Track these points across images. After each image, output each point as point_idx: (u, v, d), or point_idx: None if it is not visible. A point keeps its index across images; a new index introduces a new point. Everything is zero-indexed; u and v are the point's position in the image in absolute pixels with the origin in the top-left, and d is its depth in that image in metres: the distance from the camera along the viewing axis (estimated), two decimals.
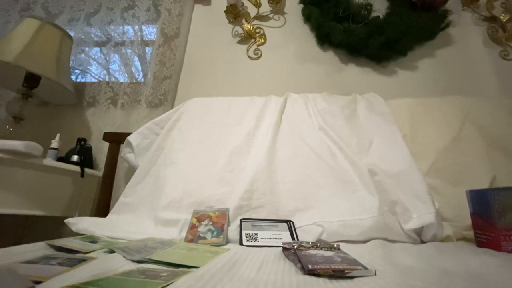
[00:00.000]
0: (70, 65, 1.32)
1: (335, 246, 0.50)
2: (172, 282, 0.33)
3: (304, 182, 0.81)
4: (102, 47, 1.49)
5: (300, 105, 1.02)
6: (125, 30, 1.48)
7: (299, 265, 0.41)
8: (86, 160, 1.16)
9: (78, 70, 1.46)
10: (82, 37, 1.44)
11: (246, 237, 0.64)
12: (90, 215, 1.10)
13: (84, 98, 1.35)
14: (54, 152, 1.09)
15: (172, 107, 1.27)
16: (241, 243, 0.63)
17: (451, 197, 0.77)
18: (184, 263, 0.42)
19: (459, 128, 0.89)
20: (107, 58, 1.44)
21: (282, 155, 0.88)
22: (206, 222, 0.69)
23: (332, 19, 1.22)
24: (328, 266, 0.38)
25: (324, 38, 1.29)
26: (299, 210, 0.76)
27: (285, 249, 0.51)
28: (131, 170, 1.05)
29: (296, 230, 0.69)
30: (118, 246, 0.51)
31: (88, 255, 0.48)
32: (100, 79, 1.44)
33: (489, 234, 0.56)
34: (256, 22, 1.39)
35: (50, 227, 1.17)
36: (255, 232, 0.66)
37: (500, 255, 0.48)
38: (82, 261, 0.43)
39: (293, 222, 0.72)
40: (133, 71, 1.41)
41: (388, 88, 1.20)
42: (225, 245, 0.62)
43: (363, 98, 1.05)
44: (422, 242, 0.68)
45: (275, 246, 0.58)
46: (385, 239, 0.66)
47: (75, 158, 1.13)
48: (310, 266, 0.38)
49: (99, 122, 1.32)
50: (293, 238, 0.66)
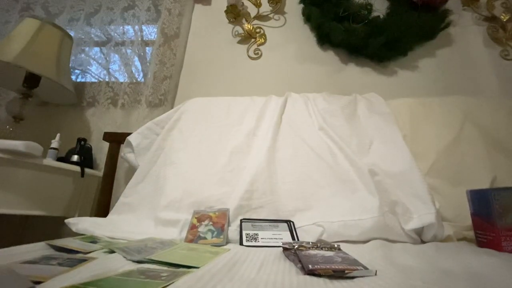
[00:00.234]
0: (70, 65, 1.32)
1: (336, 246, 0.50)
2: (172, 282, 0.33)
3: (304, 182, 0.81)
4: (102, 47, 1.49)
5: (300, 105, 1.02)
6: (125, 30, 1.48)
7: (300, 265, 0.41)
8: (86, 160, 1.16)
9: (78, 70, 1.46)
10: (82, 37, 1.44)
11: (247, 237, 0.64)
12: (90, 215, 1.10)
13: (84, 98, 1.36)
14: (54, 152, 1.09)
15: (172, 107, 1.27)
16: (241, 243, 0.63)
17: (452, 197, 0.77)
18: (184, 263, 0.42)
19: (460, 128, 0.89)
20: (107, 58, 1.44)
21: (282, 155, 0.88)
22: (206, 222, 0.69)
23: (332, 19, 1.22)
24: (328, 266, 0.38)
25: (324, 38, 1.29)
26: (299, 210, 0.76)
27: (285, 249, 0.51)
28: (131, 170, 1.05)
29: (296, 230, 0.69)
30: (118, 246, 0.51)
31: (88, 255, 0.48)
32: (100, 79, 1.44)
33: (489, 234, 0.56)
34: (256, 22, 1.39)
35: (50, 227, 1.17)
36: (256, 232, 0.66)
37: (500, 255, 0.48)
38: (82, 261, 0.43)
39: (293, 222, 0.72)
40: (133, 71, 1.41)
41: (388, 88, 1.20)
42: (225, 245, 0.62)
43: (363, 98, 1.05)
44: (423, 242, 0.68)
45: (276, 246, 0.58)
46: (385, 239, 0.66)
47: (75, 158, 1.13)
48: (310, 266, 0.38)
49: (99, 122, 1.32)
50: (293, 238, 0.66)
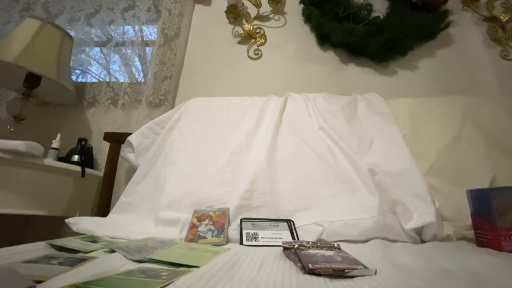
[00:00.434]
0: (71, 65, 1.32)
1: (336, 245, 0.51)
2: (172, 282, 0.33)
3: (304, 181, 0.81)
4: (102, 47, 1.49)
5: (300, 105, 1.03)
6: (125, 30, 1.49)
7: (300, 264, 0.41)
8: (87, 160, 1.16)
9: (78, 70, 1.46)
10: (83, 37, 1.44)
11: (247, 236, 0.64)
12: (91, 215, 1.10)
13: (84, 98, 1.36)
14: (54, 152, 1.09)
15: (172, 107, 1.27)
16: (241, 243, 0.63)
17: (452, 196, 0.77)
18: (184, 263, 0.42)
19: (459, 128, 0.89)
20: (108, 58, 1.44)
21: (282, 155, 0.88)
22: (206, 221, 0.69)
23: (332, 19, 1.22)
24: (328, 266, 0.38)
25: (324, 38, 1.29)
26: (300, 209, 0.76)
27: (285, 248, 0.51)
28: (132, 170, 1.05)
29: (296, 229, 0.69)
30: (119, 245, 0.51)
31: (88, 255, 0.48)
32: (100, 79, 1.44)
33: (489, 234, 0.56)
34: (256, 22, 1.40)
35: (51, 227, 1.17)
36: (256, 231, 0.66)
37: (500, 255, 0.48)
38: (83, 260, 0.43)
39: (293, 222, 0.72)
40: (133, 71, 1.41)
41: (388, 88, 1.20)
42: (225, 244, 0.62)
43: (363, 98, 1.05)
44: (423, 241, 0.68)
45: (276, 246, 0.58)
46: (385, 239, 0.66)
47: (76, 158, 1.13)
48: (310, 266, 0.38)
49: (100, 122, 1.33)
50: (293, 238, 0.66)
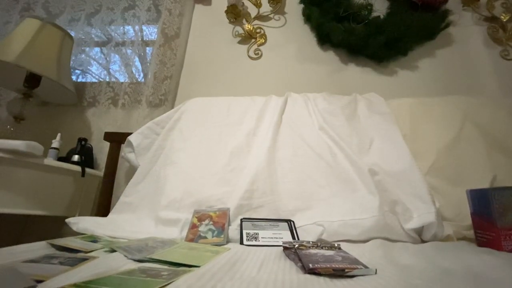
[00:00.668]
0: (71, 65, 1.32)
1: (336, 245, 0.51)
2: (173, 281, 0.33)
3: (304, 181, 0.82)
4: (102, 47, 1.49)
5: (300, 104, 1.03)
6: (125, 30, 1.49)
7: (300, 264, 0.41)
8: (87, 160, 1.16)
9: (78, 70, 1.46)
10: (83, 37, 1.44)
11: (247, 236, 0.64)
12: (91, 215, 1.10)
13: (84, 98, 1.36)
14: (55, 152, 1.09)
15: (172, 107, 1.27)
16: (241, 243, 0.63)
17: (452, 196, 0.77)
18: (185, 262, 0.42)
19: (460, 127, 0.89)
20: (108, 58, 1.44)
21: (283, 155, 0.88)
22: (206, 221, 0.69)
23: (332, 19, 1.22)
24: (328, 265, 0.38)
25: (324, 38, 1.29)
26: (300, 209, 0.76)
27: (285, 248, 0.51)
28: (132, 170, 1.05)
29: (296, 229, 0.69)
30: (119, 245, 0.52)
31: (89, 255, 0.48)
32: (100, 79, 1.44)
33: (489, 234, 0.56)
34: (256, 22, 1.40)
35: (51, 227, 1.17)
36: (256, 231, 0.66)
37: (500, 255, 0.48)
38: (83, 260, 0.43)
39: (293, 222, 0.72)
40: (133, 71, 1.41)
41: (388, 88, 1.20)
42: (225, 244, 0.62)
43: (364, 98, 1.05)
44: (423, 241, 0.68)
45: (276, 246, 0.58)
46: (385, 239, 0.66)
47: (76, 158, 1.13)
48: (310, 265, 0.38)
49: (100, 122, 1.33)
50: (293, 238, 0.66)
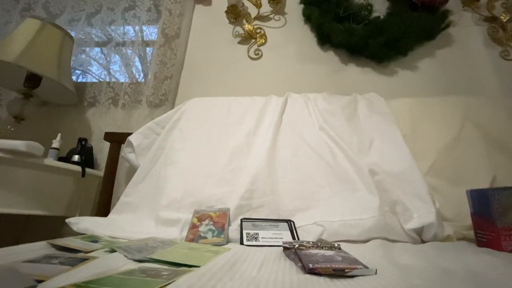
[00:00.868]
0: (71, 65, 1.32)
1: (336, 245, 0.51)
2: (173, 281, 0.33)
3: (304, 181, 0.82)
4: (102, 48, 1.50)
5: (300, 105, 1.03)
6: (125, 30, 1.49)
7: (300, 264, 0.41)
8: (87, 160, 1.16)
9: (79, 70, 1.46)
10: (83, 37, 1.44)
11: (247, 236, 0.64)
12: (91, 215, 1.10)
13: (85, 98, 1.36)
14: (55, 152, 1.09)
15: (173, 107, 1.27)
16: (242, 243, 0.63)
17: (452, 196, 0.77)
18: (185, 262, 0.42)
19: (460, 128, 0.89)
20: (108, 59, 1.44)
21: (283, 155, 0.88)
22: (206, 221, 0.69)
23: (332, 19, 1.22)
24: (328, 265, 0.38)
25: (324, 38, 1.29)
26: (300, 209, 0.76)
27: (285, 248, 0.51)
28: (132, 170, 1.05)
29: (296, 229, 0.69)
30: (119, 245, 0.52)
31: (89, 255, 0.48)
32: (100, 79, 1.44)
33: (489, 234, 0.56)
34: (256, 22, 1.40)
35: (51, 227, 1.17)
36: (256, 231, 0.66)
37: (500, 255, 0.48)
38: (84, 260, 0.43)
39: (293, 222, 0.72)
40: (133, 72, 1.41)
41: (388, 88, 1.20)
42: (226, 244, 0.62)
43: (364, 98, 1.05)
44: (423, 241, 0.68)
45: (276, 246, 0.58)
46: (385, 239, 0.66)
47: (76, 158, 1.13)
48: (310, 265, 0.38)
49: (100, 122, 1.33)
50: (293, 238, 0.66)
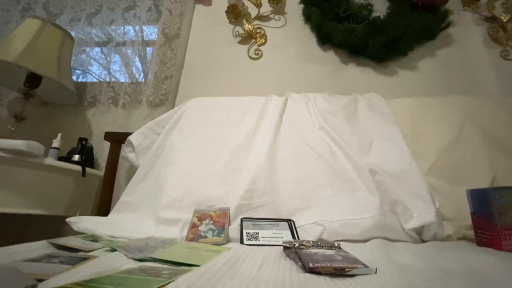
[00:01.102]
0: (71, 65, 1.32)
1: (336, 245, 0.51)
2: (173, 280, 0.33)
3: (304, 181, 0.82)
4: (103, 47, 1.50)
5: (300, 104, 1.03)
6: (126, 30, 1.49)
7: (300, 263, 0.41)
8: (87, 159, 1.16)
9: (79, 70, 1.46)
10: (83, 37, 1.44)
11: (247, 236, 0.64)
12: (91, 214, 1.11)
13: (85, 98, 1.36)
14: (55, 151, 1.09)
15: (173, 107, 1.27)
16: (242, 242, 0.63)
17: (452, 196, 0.77)
18: (185, 262, 0.42)
19: (460, 127, 0.89)
20: (108, 58, 1.44)
21: (283, 155, 0.88)
22: (207, 221, 0.69)
23: (332, 19, 1.22)
24: (328, 265, 0.38)
25: (324, 38, 1.29)
26: (300, 209, 0.76)
27: (286, 248, 0.51)
28: (132, 170, 1.06)
29: (296, 229, 0.69)
30: (120, 244, 0.52)
31: (89, 254, 0.48)
32: (101, 79, 1.44)
33: (489, 233, 0.56)
34: (256, 22, 1.40)
35: (52, 226, 1.17)
36: (256, 231, 0.66)
37: (500, 254, 0.48)
38: (84, 259, 0.43)
39: (293, 221, 0.72)
40: (133, 71, 1.41)
41: (388, 87, 1.20)
42: (226, 244, 0.63)
43: (364, 98, 1.05)
44: (423, 241, 0.68)
45: (276, 245, 0.59)
46: (385, 239, 0.66)
47: (76, 157, 1.13)
48: (311, 265, 0.38)
49: (100, 122, 1.33)
50: (293, 237, 0.66)
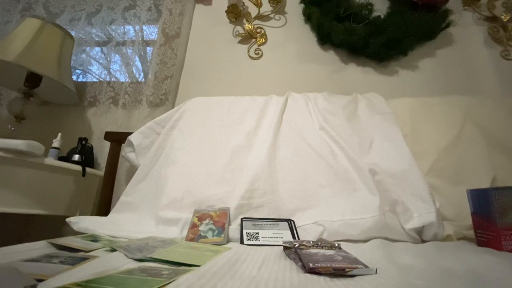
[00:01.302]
0: (71, 65, 1.32)
1: (336, 245, 0.51)
2: (173, 280, 0.33)
3: (304, 181, 0.82)
4: (103, 47, 1.49)
5: (301, 104, 1.03)
6: (126, 30, 1.49)
7: (300, 263, 0.41)
8: (87, 159, 1.16)
9: (79, 70, 1.46)
10: (83, 37, 1.44)
11: (247, 236, 0.64)
12: (91, 214, 1.11)
13: (85, 97, 1.36)
14: (55, 151, 1.09)
15: (173, 107, 1.27)
16: (242, 242, 0.63)
17: (452, 196, 0.77)
18: (185, 262, 0.42)
19: (460, 127, 0.89)
20: (108, 58, 1.44)
21: (283, 155, 0.88)
22: (207, 221, 0.69)
23: (332, 19, 1.22)
24: (329, 265, 0.38)
25: (325, 38, 1.29)
26: (300, 209, 0.76)
27: (286, 248, 0.51)
28: (132, 170, 1.06)
29: (297, 229, 0.69)
30: (120, 244, 0.52)
31: (89, 254, 0.48)
32: (101, 79, 1.44)
33: (489, 234, 0.56)
34: (257, 22, 1.40)
35: (52, 226, 1.17)
36: (256, 231, 0.66)
37: (500, 254, 0.48)
38: (84, 259, 0.43)
39: (294, 221, 0.72)
40: (134, 71, 1.41)
41: (389, 87, 1.20)
42: (226, 244, 0.62)
43: (364, 98, 1.05)
44: (423, 241, 0.68)
45: (276, 245, 0.58)
46: (386, 239, 0.66)
47: (77, 157, 1.13)
48: (311, 265, 0.38)
49: (100, 121, 1.33)
50: (294, 237, 0.66)
